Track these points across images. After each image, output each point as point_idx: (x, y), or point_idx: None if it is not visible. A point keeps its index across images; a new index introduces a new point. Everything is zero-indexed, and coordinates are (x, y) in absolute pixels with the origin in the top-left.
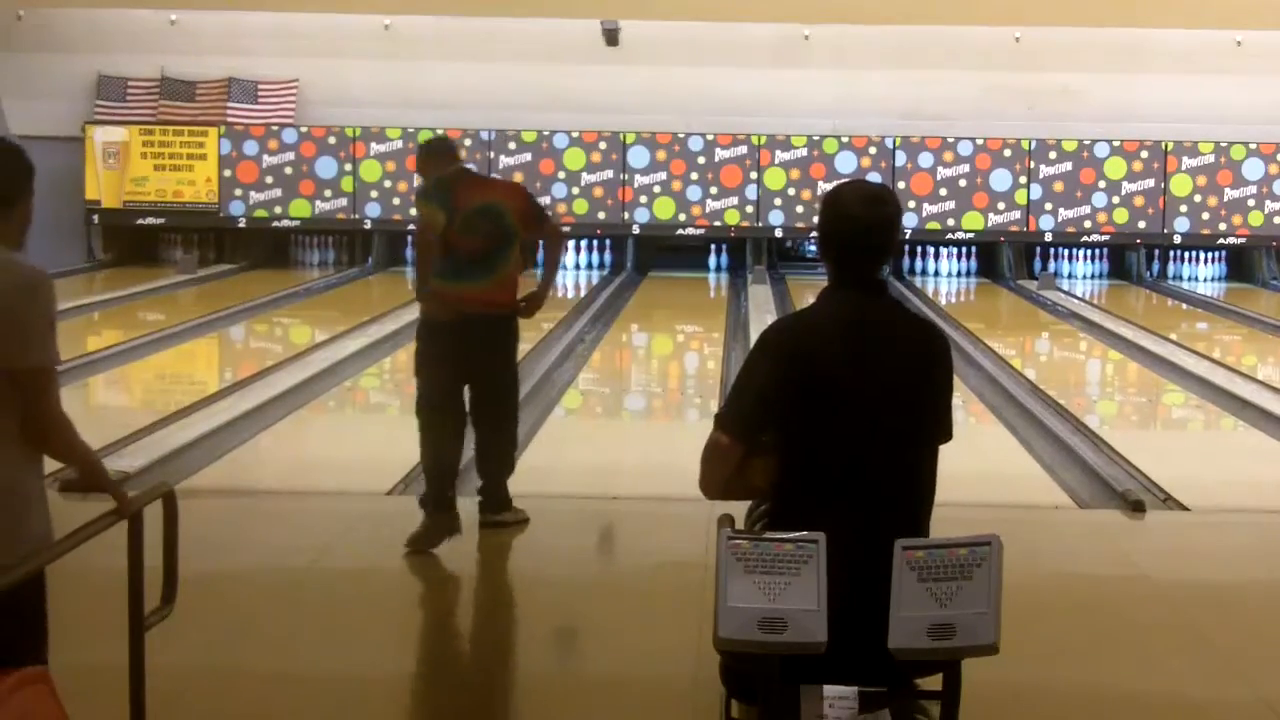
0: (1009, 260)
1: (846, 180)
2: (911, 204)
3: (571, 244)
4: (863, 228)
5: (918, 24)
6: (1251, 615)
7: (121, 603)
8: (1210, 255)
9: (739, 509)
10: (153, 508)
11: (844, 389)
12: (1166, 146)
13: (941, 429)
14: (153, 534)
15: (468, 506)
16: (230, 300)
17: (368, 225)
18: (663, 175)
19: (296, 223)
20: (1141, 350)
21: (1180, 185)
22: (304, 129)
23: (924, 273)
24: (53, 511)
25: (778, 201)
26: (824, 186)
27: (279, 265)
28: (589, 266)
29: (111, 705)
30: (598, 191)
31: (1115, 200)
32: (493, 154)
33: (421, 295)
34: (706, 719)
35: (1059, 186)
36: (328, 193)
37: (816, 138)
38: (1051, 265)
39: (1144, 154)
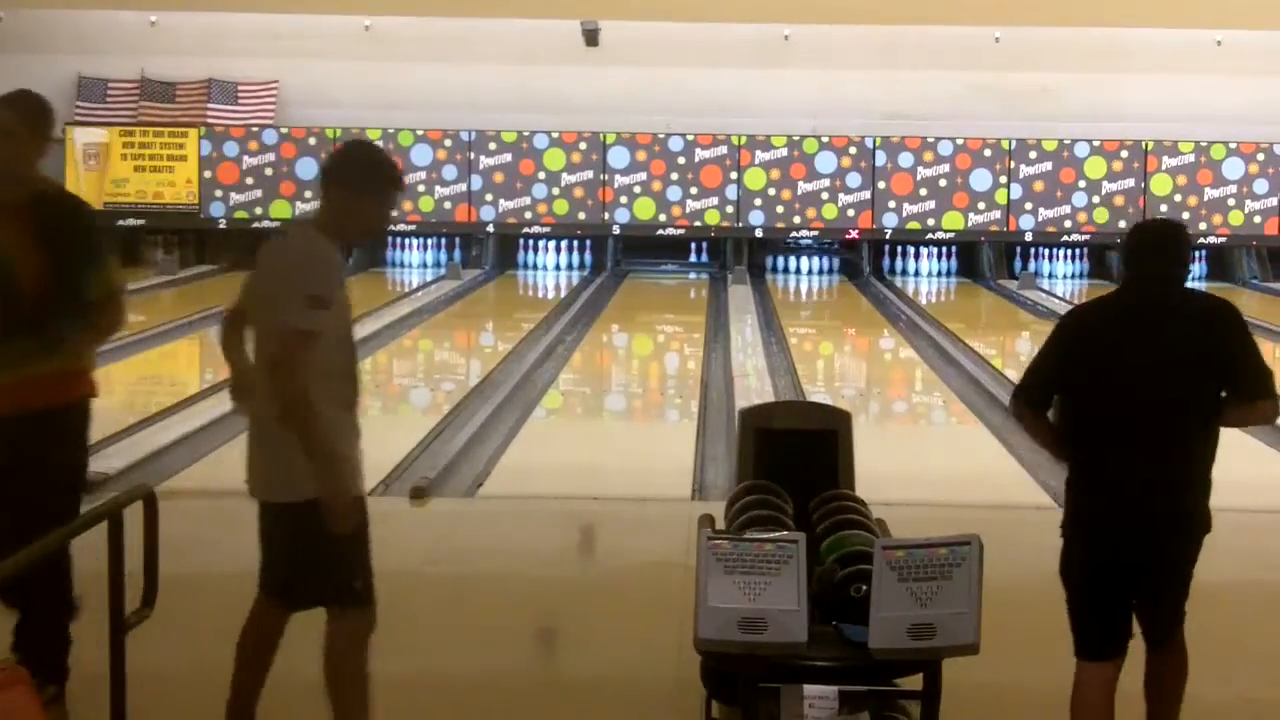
0: (989, 260)
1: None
2: (891, 204)
3: (552, 244)
4: (1141, 236)
5: (898, 24)
6: (1232, 614)
7: (102, 604)
8: (1190, 255)
9: (720, 510)
10: (133, 509)
11: (1114, 359)
12: (1147, 146)
13: (1241, 389)
14: (134, 535)
15: (447, 504)
16: (211, 301)
17: None
18: (643, 175)
19: (277, 224)
20: None
21: (1160, 185)
22: (284, 130)
23: (904, 273)
24: None
25: (758, 201)
26: (804, 187)
27: None
28: (569, 267)
29: (92, 706)
30: (578, 192)
31: (1095, 200)
32: (473, 154)
33: None
34: (687, 719)
35: (1039, 186)
36: (308, 194)
37: (796, 138)
38: (1032, 265)
39: (1124, 153)
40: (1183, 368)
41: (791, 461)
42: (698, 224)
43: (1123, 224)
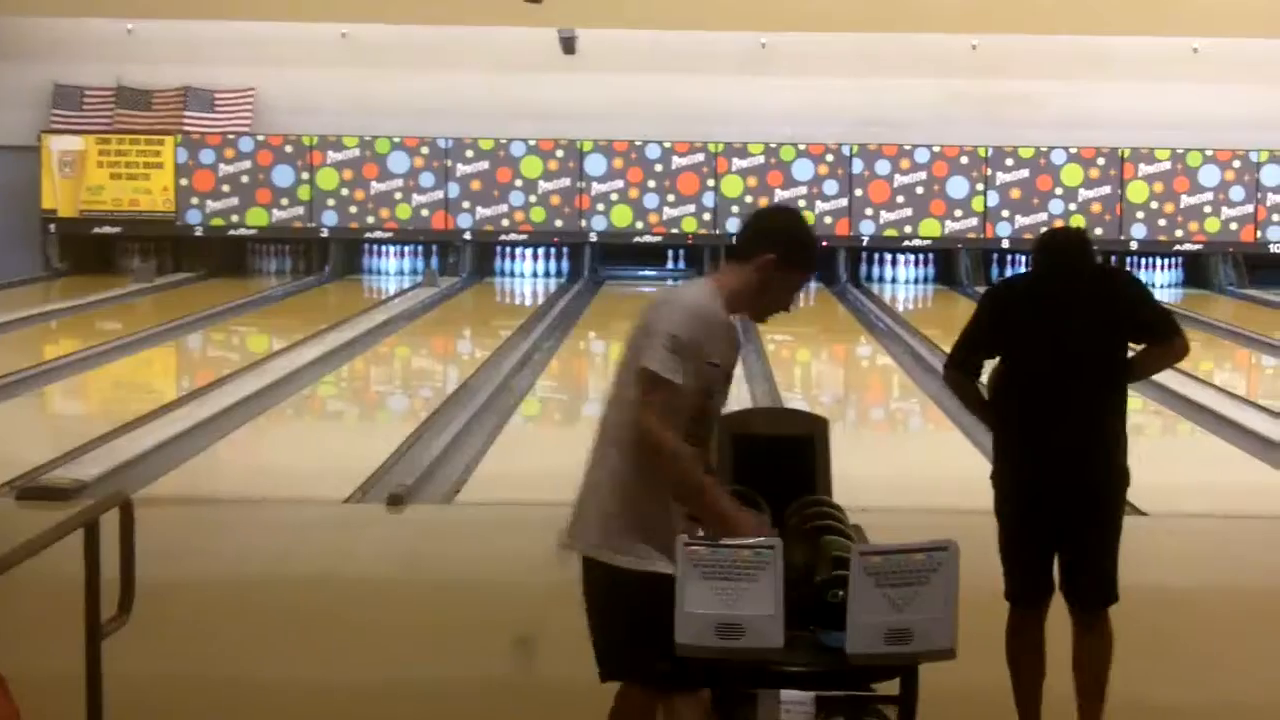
0: (966, 267)
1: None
2: (869, 211)
3: (529, 252)
4: (1052, 240)
5: (874, 32)
6: (1209, 618)
7: (78, 610)
8: (1167, 261)
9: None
10: (109, 516)
11: (1033, 324)
12: (1123, 153)
13: (1154, 332)
14: (110, 542)
15: (424, 511)
16: (187, 309)
17: (324, 233)
18: (620, 183)
19: (253, 231)
20: None
21: (1137, 192)
22: (260, 137)
23: (881, 279)
24: (7, 519)
25: (735, 209)
26: (781, 194)
27: (236, 273)
28: (546, 274)
29: (68, 713)
30: (555, 199)
31: (1072, 207)
32: (450, 162)
33: None
34: None
35: (1016, 193)
36: (285, 201)
37: (774, 145)
38: (1009, 272)
39: (1101, 161)
40: (1095, 328)
41: (769, 467)
42: (675, 231)
43: (1099, 231)
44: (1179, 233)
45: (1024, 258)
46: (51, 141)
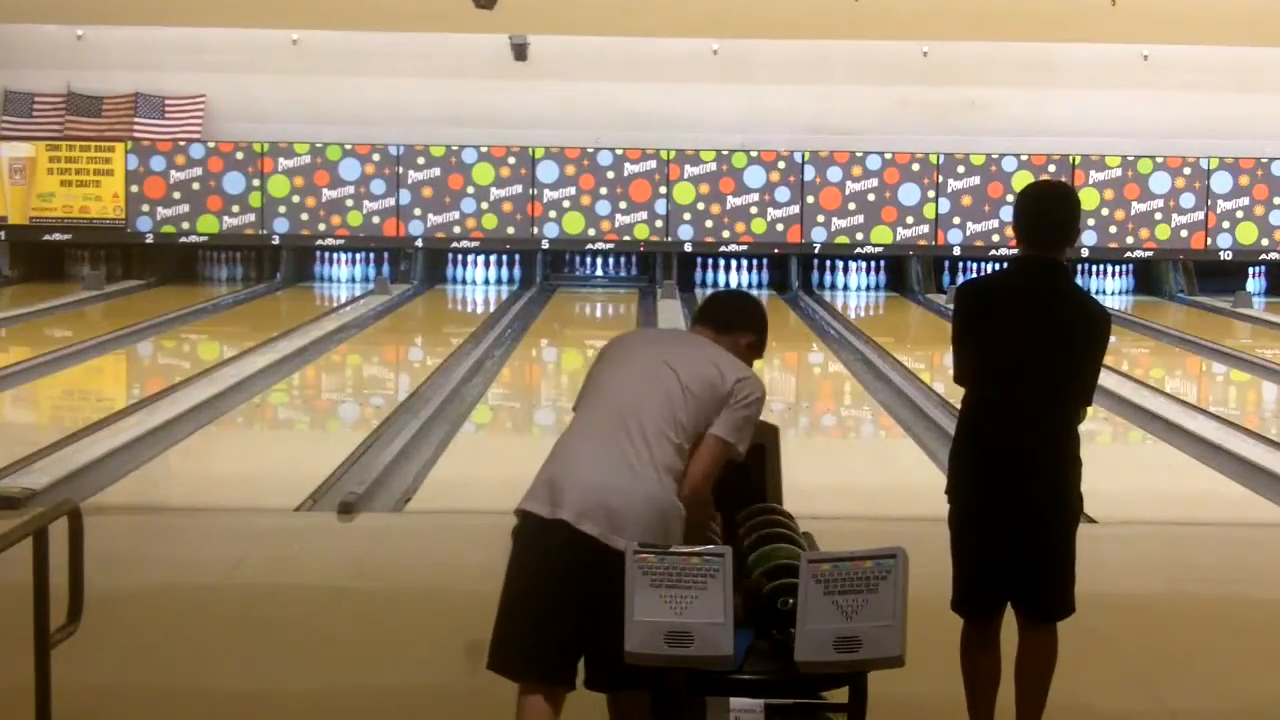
0: (917, 274)
1: (1042, 179)
2: (820, 218)
3: (481, 259)
4: (1033, 214)
5: (826, 38)
6: (1156, 625)
7: (27, 619)
8: (1118, 268)
9: None
10: (58, 525)
11: (997, 335)
12: (1074, 160)
13: (1081, 392)
14: (60, 551)
15: (375, 519)
16: (138, 316)
17: (275, 241)
18: (572, 190)
19: (204, 238)
20: None
21: (1088, 199)
22: (211, 144)
23: (833, 286)
24: None
25: (687, 216)
26: (733, 201)
27: (187, 281)
28: (498, 281)
29: None
30: (507, 206)
31: None
32: (401, 169)
33: None
34: None
35: (967, 200)
36: (235, 208)
37: (725, 152)
38: (960, 279)
39: (1051, 168)
40: (1056, 356)
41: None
42: (627, 238)
43: None
44: (1130, 239)
45: (975, 265)
46: (1, 148)
